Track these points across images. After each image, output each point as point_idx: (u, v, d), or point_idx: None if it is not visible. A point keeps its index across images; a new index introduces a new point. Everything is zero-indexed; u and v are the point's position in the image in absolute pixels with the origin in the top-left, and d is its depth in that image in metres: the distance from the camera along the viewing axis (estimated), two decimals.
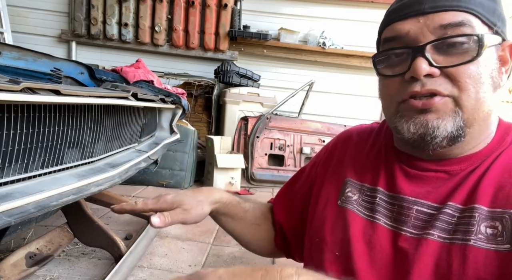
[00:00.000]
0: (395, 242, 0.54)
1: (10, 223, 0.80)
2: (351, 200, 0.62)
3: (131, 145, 1.77)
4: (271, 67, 4.56)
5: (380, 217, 0.57)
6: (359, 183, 0.63)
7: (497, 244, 0.47)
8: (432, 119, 0.51)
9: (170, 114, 2.31)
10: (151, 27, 4.29)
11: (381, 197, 0.59)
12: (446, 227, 0.51)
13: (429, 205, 0.54)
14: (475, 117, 0.51)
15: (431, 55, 0.50)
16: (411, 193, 0.56)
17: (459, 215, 0.51)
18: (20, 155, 0.93)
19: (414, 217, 0.54)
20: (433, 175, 0.55)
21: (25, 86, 0.86)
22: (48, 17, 4.46)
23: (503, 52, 0.53)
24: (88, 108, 1.25)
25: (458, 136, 0.51)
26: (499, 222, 0.47)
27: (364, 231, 0.57)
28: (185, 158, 3.43)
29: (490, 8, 0.51)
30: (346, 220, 0.60)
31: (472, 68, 0.49)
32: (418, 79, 0.50)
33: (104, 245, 1.67)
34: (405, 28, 0.52)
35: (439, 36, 0.50)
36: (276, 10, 4.49)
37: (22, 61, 1.59)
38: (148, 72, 2.38)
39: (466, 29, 0.49)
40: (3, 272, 1.31)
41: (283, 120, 3.91)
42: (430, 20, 0.50)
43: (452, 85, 0.50)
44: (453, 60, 0.50)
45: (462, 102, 0.50)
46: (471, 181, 0.52)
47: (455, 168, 0.54)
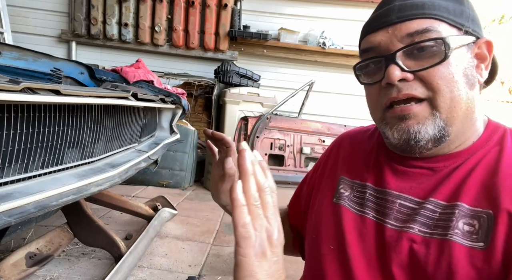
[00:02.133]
0: (380, 234, 0.57)
1: (10, 223, 0.80)
2: (343, 196, 0.65)
3: (131, 145, 1.77)
4: (271, 67, 4.56)
5: (369, 211, 0.60)
6: (351, 180, 0.67)
7: (472, 241, 0.49)
8: (413, 124, 0.54)
9: (170, 114, 2.31)
10: (151, 27, 4.29)
11: (371, 192, 0.62)
12: (427, 222, 0.53)
13: (411, 200, 0.56)
14: (453, 115, 0.53)
15: (403, 61, 0.53)
16: (396, 187, 0.59)
17: (441, 211, 0.53)
18: (20, 155, 0.93)
19: (396, 210, 0.57)
20: (418, 171, 0.58)
21: (25, 86, 0.86)
22: (48, 17, 4.46)
23: (479, 49, 0.56)
24: (88, 108, 1.25)
25: (442, 137, 0.54)
26: (477, 221, 0.49)
27: (355, 225, 0.61)
28: (185, 158, 3.43)
29: (457, 11, 0.54)
30: (339, 215, 0.63)
31: (442, 69, 0.52)
32: (393, 85, 0.54)
33: (104, 245, 1.67)
34: (377, 39, 0.56)
35: (407, 43, 0.53)
36: (276, 10, 4.49)
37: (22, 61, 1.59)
38: (148, 72, 2.38)
39: (432, 34, 0.52)
40: (3, 272, 1.31)
41: (283, 120, 3.91)
42: (398, 29, 0.54)
43: (426, 88, 0.53)
44: (423, 63, 0.53)
45: (438, 103, 0.53)
46: (455, 178, 0.54)
47: (439, 165, 0.57)
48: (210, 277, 1.75)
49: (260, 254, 0.38)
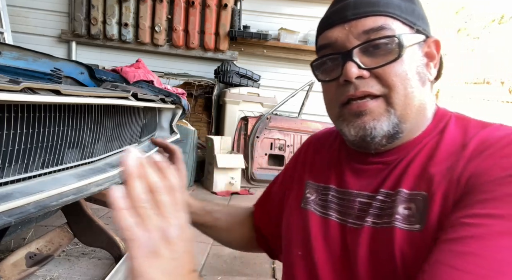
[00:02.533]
0: (343, 235, 0.58)
1: (10, 223, 0.80)
2: (309, 201, 0.66)
3: (131, 145, 1.77)
4: (271, 67, 4.56)
5: (332, 213, 0.61)
6: (315, 183, 0.67)
7: (410, 224, 0.50)
8: (368, 121, 0.55)
9: (170, 114, 2.31)
10: (151, 27, 4.29)
11: (333, 194, 0.62)
12: (378, 212, 0.54)
13: (367, 195, 0.58)
14: (407, 112, 0.54)
15: (359, 58, 0.54)
16: (356, 186, 0.60)
17: (387, 200, 0.54)
18: (20, 155, 0.93)
19: (357, 208, 0.58)
20: (374, 167, 0.59)
21: (25, 86, 0.86)
22: (48, 17, 4.46)
23: (429, 48, 0.57)
24: (88, 108, 1.25)
25: (395, 133, 0.55)
26: (413, 204, 0.51)
27: (320, 228, 0.61)
28: (185, 158, 3.43)
29: (409, 9, 0.55)
30: (306, 220, 0.64)
31: (397, 66, 0.53)
32: (351, 82, 0.54)
33: (104, 245, 1.67)
34: (334, 36, 0.56)
35: (363, 40, 0.54)
36: (276, 10, 4.49)
37: (22, 61, 1.59)
38: (148, 72, 2.38)
39: (386, 32, 0.53)
40: (3, 272, 1.31)
41: (283, 120, 3.90)
42: (354, 26, 0.54)
43: (382, 85, 0.54)
44: (379, 61, 0.53)
45: (392, 100, 0.54)
46: (400, 167, 0.56)
47: (392, 158, 0.58)
48: (210, 277, 1.75)
49: (153, 254, 0.37)
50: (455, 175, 0.49)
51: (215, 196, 3.28)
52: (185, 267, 0.40)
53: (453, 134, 0.55)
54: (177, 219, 0.40)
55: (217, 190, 3.37)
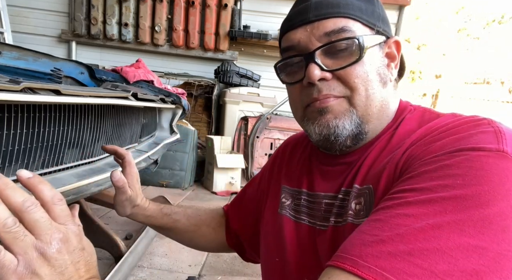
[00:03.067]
0: (313, 238, 0.58)
1: None
2: (285, 206, 0.66)
3: (131, 145, 1.77)
4: (271, 67, 4.53)
5: (304, 217, 0.61)
6: (290, 188, 0.67)
7: (359, 218, 0.51)
8: (331, 119, 0.55)
9: (170, 114, 2.31)
10: (151, 27, 4.29)
11: (305, 198, 0.63)
12: (339, 211, 0.55)
13: (331, 196, 0.58)
14: (368, 112, 0.55)
15: (322, 60, 0.54)
16: (323, 188, 0.60)
17: (346, 198, 0.55)
18: (20, 155, 0.93)
19: (324, 210, 0.58)
20: (338, 168, 0.60)
21: (25, 86, 0.86)
22: (48, 17, 4.46)
23: (389, 48, 0.58)
24: (88, 108, 1.25)
25: (359, 134, 0.55)
26: (363, 198, 0.51)
27: (295, 233, 0.61)
28: (185, 158, 3.43)
29: (369, 11, 0.55)
30: (281, 226, 0.63)
31: (358, 68, 0.53)
32: (314, 84, 0.54)
33: (104, 245, 1.67)
34: (296, 38, 0.56)
35: (324, 42, 0.54)
36: (276, 10, 4.49)
37: (22, 61, 1.59)
38: (148, 72, 2.38)
39: (347, 34, 0.53)
40: None
41: (283, 120, 3.91)
42: (316, 28, 0.54)
43: (344, 87, 0.54)
44: (340, 62, 0.54)
45: (354, 101, 0.54)
46: (357, 165, 0.56)
47: (354, 158, 0.58)
48: (210, 277, 1.75)
49: (30, 275, 0.36)
50: (394, 162, 0.49)
51: (215, 196, 3.28)
52: (75, 278, 0.39)
53: (408, 126, 0.55)
54: (58, 233, 0.39)
55: (217, 190, 3.37)
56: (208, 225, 0.83)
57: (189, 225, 0.81)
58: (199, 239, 0.83)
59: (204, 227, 0.83)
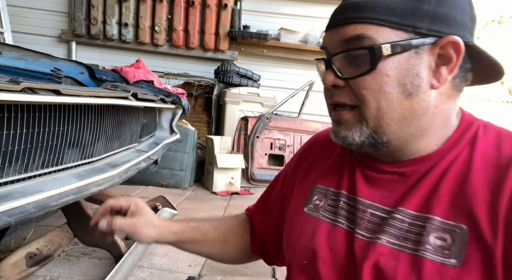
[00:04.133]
0: (350, 244, 0.55)
1: (10, 223, 0.80)
2: (318, 208, 0.62)
3: (131, 145, 1.77)
4: (271, 67, 4.56)
5: (342, 220, 0.58)
6: (324, 187, 0.64)
7: (444, 257, 0.46)
8: (341, 130, 0.56)
9: (170, 114, 2.31)
10: (151, 27, 4.29)
11: (344, 200, 0.59)
12: (396, 232, 0.51)
13: (382, 209, 0.54)
14: (382, 124, 0.52)
15: (340, 67, 0.53)
16: (368, 196, 0.56)
17: (410, 222, 0.50)
18: (20, 155, 0.93)
19: (367, 220, 0.55)
20: (389, 177, 0.56)
21: (25, 86, 0.86)
22: (48, 17, 4.46)
23: (442, 50, 0.50)
24: (88, 108, 1.25)
25: (375, 143, 0.53)
26: (449, 235, 0.47)
27: (328, 236, 0.58)
28: (185, 158, 3.43)
29: (407, 10, 0.49)
30: (313, 228, 0.60)
31: (368, 80, 0.51)
32: (329, 89, 0.55)
33: (104, 245, 1.67)
34: (326, 40, 0.56)
35: (342, 49, 0.53)
36: (276, 10, 4.49)
37: (22, 61, 1.59)
38: (148, 72, 2.38)
39: (364, 42, 0.50)
40: (3, 272, 1.31)
41: (283, 120, 3.90)
42: (336, 34, 0.53)
43: (355, 97, 0.53)
44: (352, 72, 0.52)
45: (364, 113, 0.52)
46: (425, 186, 0.51)
47: (409, 169, 0.54)
48: (210, 277, 1.75)
49: None
50: (499, 211, 0.45)
51: (215, 196, 3.28)
52: None
53: (485, 150, 0.50)
54: None
55: (217, 190, 3.37)
56: (236, 233, 0.79)
57: (218, 235, 0.78)
58: (230, 249, 0.79)
59: (232, 236, 0.79)
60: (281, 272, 1.83)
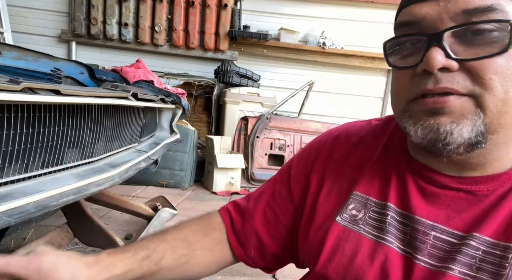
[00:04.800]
0: (408, 272, 0.46)
1: (10, 223, 0.80)
2: (356, 220, 0.52)
3: (131, 145, 1.77)
4: (271, 67, 4.56)
5: (392, 239, 0.48)
6: (364, 196, 0.54)
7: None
8: (445, 123, 0.42)
9: (170, 114, 2.31)
10: (151, 27, 4.29)
11: (393, 216, 0.50)
12: (469, 261, 0.42)
13: (450, 233, 0.45)
14: (500, 122, 0.42)
15: (450, 44, 0.42)
16: (428, 215, 0.47)
17: (486, 249, 0.42)
18: (20, 155, 0.93)
19: (431, 244, 0.45)
20: (454, 194, 0.47)
21: (25, 86, 0.86)
22: (48, 17, 4.46)
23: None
24: (88, 108, 1.25)
25: (478, 143, 0.43)
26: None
27: (373, 257, 0.48)
28: (185, 158, 3.43)
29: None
30: (352, 244, 0.51)
31: (500, 62, 0.40)
32: (432, 73, 0.42)
33: (104, 245, 1.66)
34: (422, 12, 0.43)
35: (461, 22, 0.41)
36: (276, 10, 4.49)
37: (22, 61, 1.59)
38: (148, 72, 2.38)
39: (496, 15, 0.40)
40: None
41: (283, 120, 3.91)
42: (452, 3, 0.41)
43: (473, 83, 0.41)
44: (477, 51, 0.41)
45: (485, 103, 0.41)
46: (505, 209, 0.43)
47: (482, 188, 0.45)
48: (210, 277, 1.75)
49: None
50: None
51: (215, 196, 3.28)
52: None
53: None
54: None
55: (217, 190, 3.37)
56: (202, 246, 0.65)
57: (178, 257, 0.62)
58: (193, 269, 0.65)
59: (198, 252, 0.64)
60: (281, 273, 1.83)
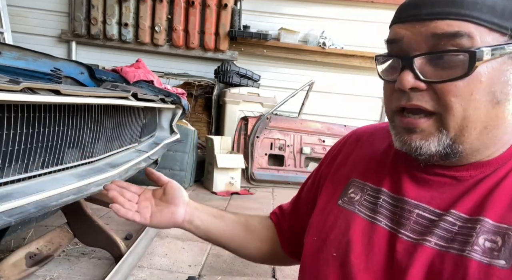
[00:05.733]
0: (392, 245, 0.53)
1: (10, 223, 0.80)
2: (353, 201, 0.61)
3: (131, 145, 1.77)
4: (271, 67, 4.56)
5: (382, 219, 0.56)
6: (362, 182, 0.62)
7: (492, 258, 0.45)
8: (416, 139, 0.50)
9: (170, 114, 2.31)
10: (151, 27, 4.29)
11: (385, 199, 0.57)
12: (445, 235, 0.49)
13: (431, 211, 0.52)
14: (464, 134, 0.48)
15: (421, 66, 0.48)
16: (415, 197, 0.54)
17: (460, 225, 0.49)
18: (20, 155, 0.93)
19: (414, 221, 0.53)
20: (440, 180, 0.53)
21: (25, 86, 0.86)
22: (48, 17, 4.46)
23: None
24: (88, 108, 1.25)
25: (450, 153, 0.50)
26: (500, 237, 0.45)
27: (363, 232, 0.56)
28: (185, 158, 3.43)
29: (507, 10, 0.46)
30: (347, 221, 0.59)
31: (461, 85, 0.46)
32: (405, 91, 0.49)
33: (104, 245, 1.67)
34: (401, 33, 0.50)
35: (431, 46, 0.47)
36: (276, 10, 4.49)
37: (22, 61, 1.59)
38: (148, 72, 2.38)
39: (462, 41, 0.45)
40: (3, 272, 1.31)
41: (283, 120, 3.90)
42: (425, 27, 0.47)
43: (437, 102, 0.48)
44: (441, 74, 0.47)
45: (446, 121, 0.48)
46: (480, 190, 0.50)
47: (464, 174, 0.52)
48: (210, 277, 1.75)
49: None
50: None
51: (215, 196, 3.28)
52: None
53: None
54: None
55: (217, 190, 3.37)
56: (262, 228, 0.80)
57: (237, 217, 0.80)
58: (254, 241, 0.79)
59: (255, 224, 0.80)
60: (281, 273, 1.83)
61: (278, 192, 3.57)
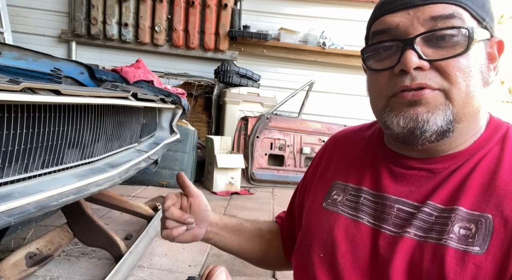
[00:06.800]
0: (375, 240, 0.54)
1: (10, 223, 0.80)
2: (336, 202, 0.62)
3: (131, 145, 1.77)
4: (271, 67, 4.56)
5: (364, 216, 0.58)
6: (343, 183, 0.64)
7: (467, 245, 0.47)
8: (422, 112, 0.50)
9: (170, 114, 2.31)
10: (151, 27, 4.29)
11: (366, 197, 0.59)
12: (423, 225, 0.51)
13: (410, 204, 0.54)
14: (464, 111, 0.50)
15: (421, 48, 0.50)
16: (395, 192, 0.56)
17: (437, 215, 0.51)
18: (20, 155, 0.93)
19: (394, 215, 0.54)
20: (416, 173, 0.56)
21: (25, 86, 0.86)
22: (48, 17, 4.46)
23: (491, 48, 0.53)
24: (88, 108, 1.25)
25: (447, 131, 0.51)
26: (474, 225, 0.47)
27: (347, 231, 0.58)
28: (185, 158, 3.43)
29: (480, 3, 0.51)
30: (331, 222, 0.60)
31: (462, 61, 0.49)
32: (408, 72, 0.50)
33: (104, 245, 1.67)
34: (395, 21, 0.51)
35: (429, 28, 0.49)
36: (276, 10, 4.49)
37: (22, 61, 1.59)
38: (148, 72, 2.38)
39: (456, 22, 0.49)
40: (3, 272, 1.31)
41: (283, 120, 3.91)
42: (421, 12, 0.50)
43: (442, 79, 0.49)
44: (443, 53, 0.49)
45: (452, 96, 0.49)
46: (454, 180, 0.52)
47: (439, 166, 0.54)
48: None
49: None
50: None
51: (215, 196, 3.28)
52: None
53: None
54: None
55: (217, 190, 3.37)
56: (271, 231, 0.81)
57: (253, 229, 0.80)
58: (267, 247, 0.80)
59: (268, 233, 0.81)
60: (281, 273, 1.83)
61: (278, 192, 3.57)
